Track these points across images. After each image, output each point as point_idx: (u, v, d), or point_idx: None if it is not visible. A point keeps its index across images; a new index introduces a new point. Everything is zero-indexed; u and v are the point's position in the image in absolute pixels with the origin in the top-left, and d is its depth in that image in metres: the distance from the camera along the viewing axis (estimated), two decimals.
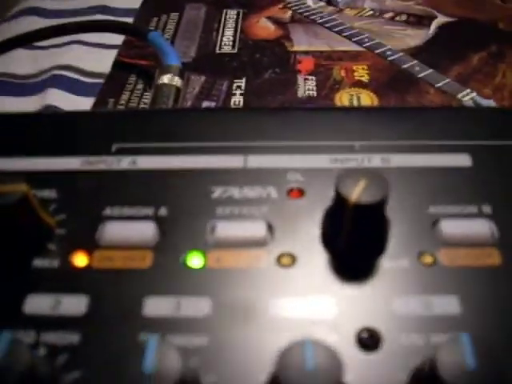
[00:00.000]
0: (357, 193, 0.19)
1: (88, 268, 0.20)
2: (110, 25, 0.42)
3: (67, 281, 0.20)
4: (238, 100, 0.39)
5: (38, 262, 0.20)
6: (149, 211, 0.21)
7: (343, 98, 0.39)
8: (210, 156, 0.23)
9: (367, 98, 0.40)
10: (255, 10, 0.49)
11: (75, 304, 0.19)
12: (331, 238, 0.20)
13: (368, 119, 0.25)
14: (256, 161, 0.23)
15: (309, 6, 0.50)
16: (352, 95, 0.40)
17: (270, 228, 0.21)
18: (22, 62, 0.45)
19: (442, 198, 0.22)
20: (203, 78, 0.41)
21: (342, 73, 0.42)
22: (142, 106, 0.38)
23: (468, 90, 0.41)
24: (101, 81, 0.42)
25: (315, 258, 0.20)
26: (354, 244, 0.20)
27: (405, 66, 0.43)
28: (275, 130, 0.24)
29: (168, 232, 0.21)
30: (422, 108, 0.31)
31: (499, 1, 0.51)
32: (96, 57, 0.45)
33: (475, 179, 0.23)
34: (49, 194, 0.22)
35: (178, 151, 0.24)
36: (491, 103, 0.40)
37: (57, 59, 0.45)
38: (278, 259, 0.20)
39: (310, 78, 0.41)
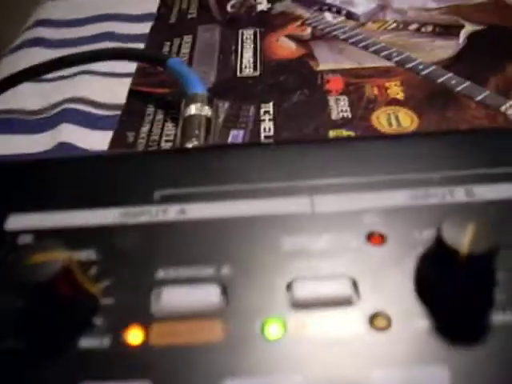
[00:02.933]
0: (468, 243, 0.16)
1: (146, 346, 0.17)
2: (125, 52, 0.39)
3: (122, 364, 0.16)
4: (267, 126, 0.36)
5: (86, 342, 0.17)
6: (209, 271, 0.18)
7: (381, 118, 0.36)
8: (270, 200, 0.20)
9: (406, 117, 0.37)
10: (272, 29, 0.47)
11: None
12: (431, 292, 0.17)
13: (444, 146, 0.22)
14: (324, 203, 0.20)
15: (328, 22, 0.47)
16: (389, 114, 0.37)
17: (355, 283, 0.18)
18: (30, 97, 0.42)
19: None
20: (227, 105, 0.38)
21: (375, 91, 0.39)
22: (164, 138, 0.35)
23: (511, 102, 0.38)
24: (115, 113, 0.39)
25: (414, 318, 0.17)
26: (461, 299, 0.17)
27: (440, 80, 0.40)
28: (341, 164, 0.21)
29: (235, 295, 0.17)
30: (499, 129, 0.28)
31: None
32: (108, 87, 0.42)
33: None
34: (87, 255, 0.19)
35: (232, 196, 0.20)
36: None
37: (66, 91, 0.42)
38: (371, 321, 0.17)
39: (341, 98, 0.38)
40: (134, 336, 0.17)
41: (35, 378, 0.16)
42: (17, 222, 0.20)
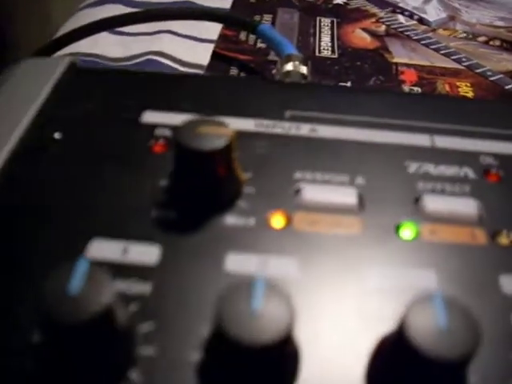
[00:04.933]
0: None
1: (289, 229, 0.18)
2: (216, 14, 0.40)
3: (267, 241, 0.18)
4: None
5: (232, 220, 0.18)
6: (344, 178, 0.20)
7: None
8: (396, 132, 0.22)
9: None
10: (348, 21, 0.49)
11: (285, 265, 0.17)
12: None
13: None
14: (443, 141, 0.22)
15: (401, 23, 0.49)
16: None
17: (478, 205, 0.19)
18: (112, 46, 0.44)
19: None
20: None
21: (447, 87, 0.41)
22: None
23: None
24: (198, 72, 0.41)
25: None
26: None
27: (508, 87, 0.42)
28: (458, 115, 0.23)
29: (370, 200, 0.19)
30: None
31: None
32: (189, 48, 0.44)
33: None
34: None
35: (360, 125, 0.22)
36: None
37: (149, 46, 0.43)
38: (494, 237, 0.18)
39: (414, 89, 0.40)
40: (278, 221, 0.18)
41: (185, 245, 0.17)
42: (152, 117, 0.22)
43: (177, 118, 0.22)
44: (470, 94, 0.40)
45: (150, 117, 0.22)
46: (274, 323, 0.13)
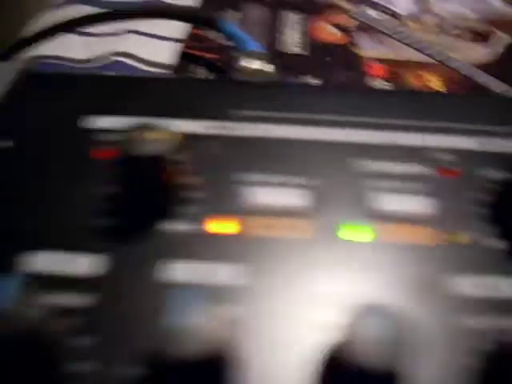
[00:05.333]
0: None
1: (239, 235, 0.17)
2: (176, 12, 0.39)
3: (214, 248, 0.17)
4: None
5: (179, 226, 0.17)
6: (295, 180, 0.19)
7: None
8: (346, 130, 0.21)
9: None
10: (317, 16, 0.48)
11: (233, 273, 0.16)
12: (504, 218, 0.18)
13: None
14: (396, 137, 0.21)
15: (372, 17, 0.49)
16: None
17: (431, 204, 0.19)
18: (76, 47, 0.43)
19: None
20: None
21: (417, 81, 0.40)
22: None
23: None
24: (164, 71, 0.40)
25: (488, 238, 0.18)
26: None
27: (480, 80, 0.41)
28: (413, 108, 0.22)
29: (321, 202, 0.18)
30: None
31: None
32: (155, 48, 0.43)
33: None
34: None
35: (309, 122, 0.21)
36: None
37: (114, 47, 0.42)
38: (449, 237, 0.18)
39: (385, 83, 0.39)
40: (227, 226, 0.18)
41: (128, 255, 0.17)
42: (96, 122, 0.21)
43: (121, 122, 0.21)
44: (441, 88, 0.40)
45: (93, 122, 0.21)
46: (205, 336, 0.12)
